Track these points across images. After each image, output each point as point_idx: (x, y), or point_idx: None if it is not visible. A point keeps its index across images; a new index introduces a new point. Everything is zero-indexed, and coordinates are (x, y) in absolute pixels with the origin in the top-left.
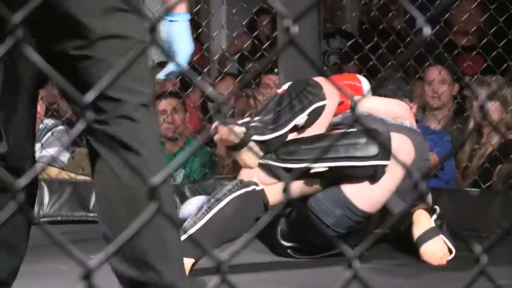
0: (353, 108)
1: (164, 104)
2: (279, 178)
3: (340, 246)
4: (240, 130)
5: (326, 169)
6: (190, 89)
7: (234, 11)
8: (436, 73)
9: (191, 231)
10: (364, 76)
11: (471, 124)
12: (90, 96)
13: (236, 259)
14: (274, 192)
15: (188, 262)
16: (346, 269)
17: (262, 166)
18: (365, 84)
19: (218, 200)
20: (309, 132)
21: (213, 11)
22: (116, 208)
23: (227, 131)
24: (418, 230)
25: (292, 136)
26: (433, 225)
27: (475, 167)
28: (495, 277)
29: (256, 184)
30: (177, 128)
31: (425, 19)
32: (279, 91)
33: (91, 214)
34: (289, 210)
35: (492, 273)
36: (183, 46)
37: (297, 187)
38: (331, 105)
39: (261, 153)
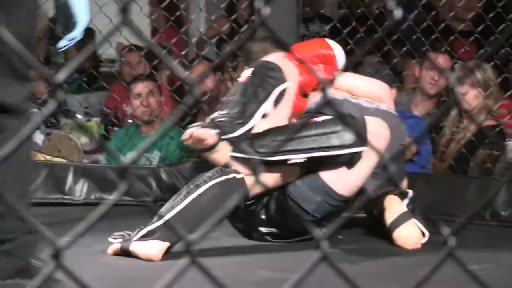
0: (323, 89)
1: (140, 87)
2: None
3: (310, 228)
4: (213, 133)
5: (305, 159)
6: (168, 72)
7: None
8: (437, 60)
9: (167, 217)
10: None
11: (452, 109)
12: (61, 75)
13: (211, 243)
14: (254, 181)
15: (163, 247)
16: (315, 250)
17: (238, 159)
18: (337, 50)
19: (197, 186)
20: (272, 116)
21: None
22: None
23: (202, 136)
24: (390, 215)
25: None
26: (405, 209)
27: (453, 151)
28: (466, 261)
29: (237, 172)
30: (153, 111)
31: (396, 1)
32: (243, 79)
33: (67, 197)
34: (268, 198)
35: (463, 257)
36: (81, 12)
37: (275, 176)
38: (292, 86)
39: (231, 148)
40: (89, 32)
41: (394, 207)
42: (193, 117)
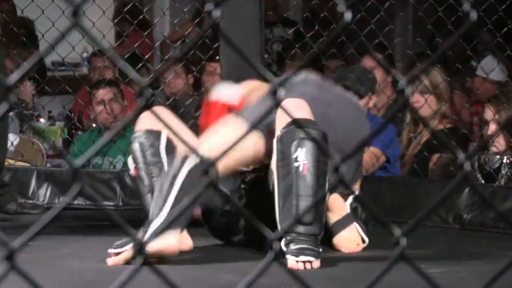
0: (274, 92)
1: (102, 93)
2: None
3: (262, 229)
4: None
5: None
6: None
7: None
8: (369, 61)
9: (166, 207)
10: (307, 65)
11: (407, 113)
12: (13, 77)
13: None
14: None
15: (177, 235)
16: (269, 251)
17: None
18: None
19: (175, 176)
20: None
21: None
22: None
23: None
24: (332, 217)
25: None
26: (348, 211)
27: (411, 155)
28: (429, 264)
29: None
30: (116, 116)
31: (347, 4)
32: None
33: (30, 201)
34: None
35: (426, 260)
36: None
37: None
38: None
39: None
40: (31, 38)
41: (336, 207)
42: None
